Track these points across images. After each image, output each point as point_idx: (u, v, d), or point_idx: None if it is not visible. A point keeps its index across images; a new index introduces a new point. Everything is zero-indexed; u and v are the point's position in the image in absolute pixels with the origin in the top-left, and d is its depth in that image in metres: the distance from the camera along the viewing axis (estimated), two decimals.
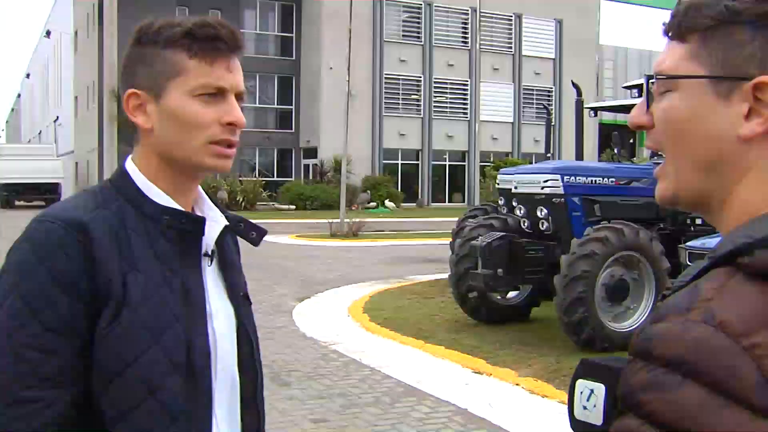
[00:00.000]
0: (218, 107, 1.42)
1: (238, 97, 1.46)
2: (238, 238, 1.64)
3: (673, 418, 0.73)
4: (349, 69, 23.33)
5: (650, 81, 0.95)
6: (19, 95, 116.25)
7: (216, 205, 1.57)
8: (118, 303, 1.32)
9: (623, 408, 0.79)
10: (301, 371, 7.17)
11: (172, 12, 39.01)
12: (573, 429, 0.95)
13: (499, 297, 9.15)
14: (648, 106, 0.94)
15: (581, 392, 0.93)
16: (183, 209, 1.46)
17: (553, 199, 8.39)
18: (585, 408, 0.92)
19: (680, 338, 0.75)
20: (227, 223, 1.54)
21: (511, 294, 9.25)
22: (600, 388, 0.91)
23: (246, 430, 1.55)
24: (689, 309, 0.76)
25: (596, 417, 0.91)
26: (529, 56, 44.45)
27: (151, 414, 1.33)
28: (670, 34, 0.93)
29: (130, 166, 1.47)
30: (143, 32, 1.45)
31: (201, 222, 1.46)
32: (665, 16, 0.97)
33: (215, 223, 1.52)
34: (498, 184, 9.87)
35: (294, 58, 43.00)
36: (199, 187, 1.56)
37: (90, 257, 1.31)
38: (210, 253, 1.50)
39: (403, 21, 42.19)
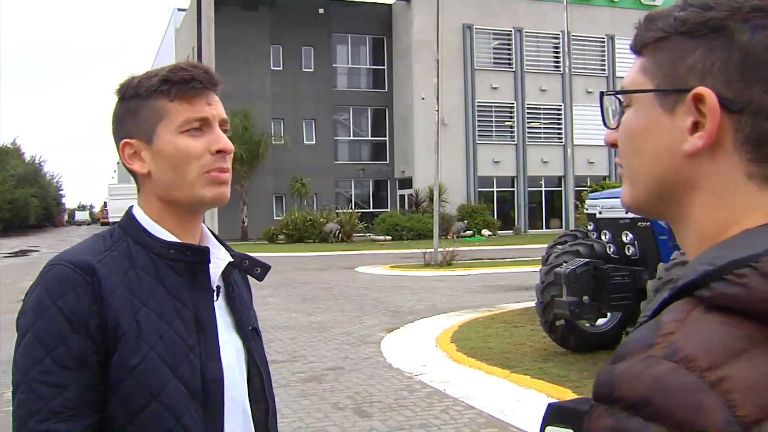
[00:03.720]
0: (206, 138, 1.51)
1: (222, 125, 1.54)
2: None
3: None
4: (438, 98, 23.42)
5: (602, 98, 0.94)
6: None
7: (221, 243, 1.64)
8: (132, 339, 1.40)
9: None
10: (383, 402, 7.17)
11: (266, 50, 40.18)
12: None
13: (587, 324, 8.96)
14: (617, 124, 0.91)
15: None
16: (187, 242, 1.54)
17: (639, 224, 8.18)
18: None
19: (641, 377, 0.69)
20: (231, 260, 1.59)
21: (601, 321, 9.03)
22: None
23: None
24: (651, 345, 0.71)
25: None
26: (623, 77, 43.47)
27: None
28: (633, 49, 0.91)
29: (137, 210, 1.56)
30: (126, 89, 1.55)
31: (205, 252, 1.53)
32: None
33: (220, 260, 1.58)
34: (586, 209, 9.71)
35: (386, 90, 43.46)
36: (204, 226, 1.63)
37: (98, 297, 1.39)
38: (215, 288, 1.56)
39: (494, 48, 42.12)
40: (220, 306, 1.56)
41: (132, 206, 1.58)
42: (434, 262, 21.71)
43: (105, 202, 63.30)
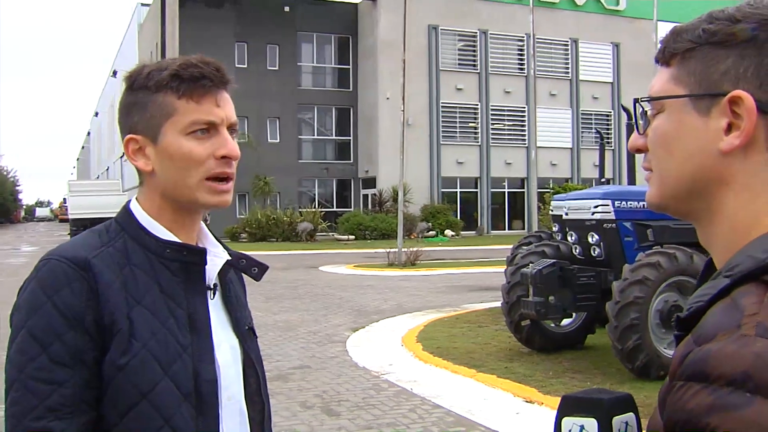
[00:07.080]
0: (212, 142, 1.49)
1: (232, 128, 1.53)
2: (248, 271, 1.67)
3: None
4: (404, 99, 23.45)
5: (636, 104, 0.99)
6: (89, 133, 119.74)
7: (219, 242, 1.62)
8: (125, 337, 1.38)
9: None
10: (351, 401, 7.18)
11: (231, 48, 39.92)
12: None
13: (552, 324, 9.04)
14: (644, 130, 0.98)
15: (569, 430, 0.91)
16: (184, 242, 1.52)
17: (604, 225, 8.28)
18: None
19: (739, 355, 0.73)
20: (228, 258, 1.58)
21: (565, 321, 9.12)
22: (591, 423, 0.90)
23: None
24: (738, 326, 0.76)
25: None
26: (586, 81, 44.04)
27: None
28: (659, 61, 0.97)
29: (134, 206, 1.53)
30: (134, 78, 1.51)
31: (202, 253, 1.51)
32: None
33: (217, 258, 1.56)
34: (551, 210, 9.79)
35: (351, 89, 43.41)
36: (203, 224, 1.61)
37: (94, 292, 1.37)
38: (212, 286, 1.54)
39: (459, 50, 42.29)
40: (216, 304, 1.55)
41: (129, 201, 1.55)
42: (398, 262, 21.75)
43: (64, 199, 62.28)
